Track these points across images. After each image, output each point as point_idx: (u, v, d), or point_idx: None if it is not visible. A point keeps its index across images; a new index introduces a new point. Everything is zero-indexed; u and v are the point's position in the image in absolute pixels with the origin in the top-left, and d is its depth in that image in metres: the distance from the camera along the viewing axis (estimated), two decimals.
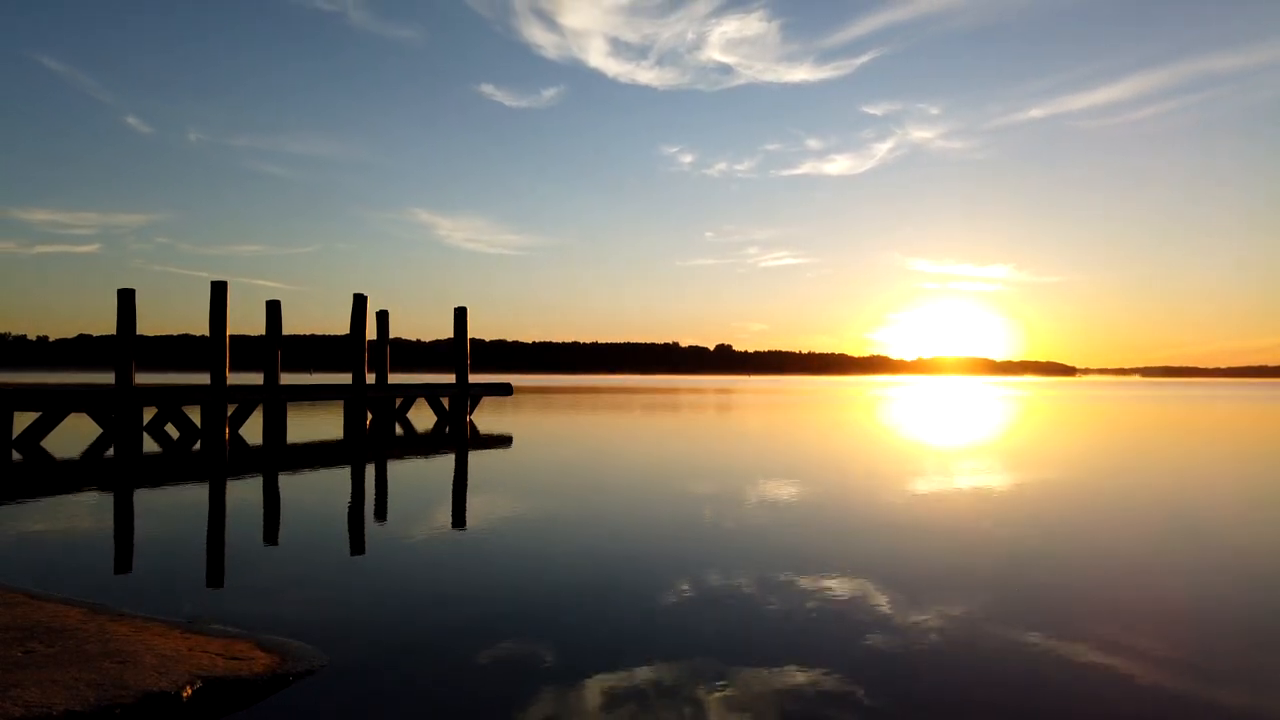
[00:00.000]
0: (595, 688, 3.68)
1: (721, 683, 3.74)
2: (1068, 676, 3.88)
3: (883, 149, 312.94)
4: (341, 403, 23.19)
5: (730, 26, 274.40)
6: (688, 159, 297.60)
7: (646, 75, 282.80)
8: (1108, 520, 8.25)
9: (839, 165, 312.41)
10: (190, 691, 3.42)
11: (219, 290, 18.83)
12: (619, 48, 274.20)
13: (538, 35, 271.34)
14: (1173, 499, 9.81)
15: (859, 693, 3.68)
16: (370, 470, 12.30)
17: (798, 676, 3.83)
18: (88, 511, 8.60)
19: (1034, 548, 6.82)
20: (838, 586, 5.50)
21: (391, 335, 24.09)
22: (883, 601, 5.21)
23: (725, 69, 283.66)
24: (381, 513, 8.65)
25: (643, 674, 3.84)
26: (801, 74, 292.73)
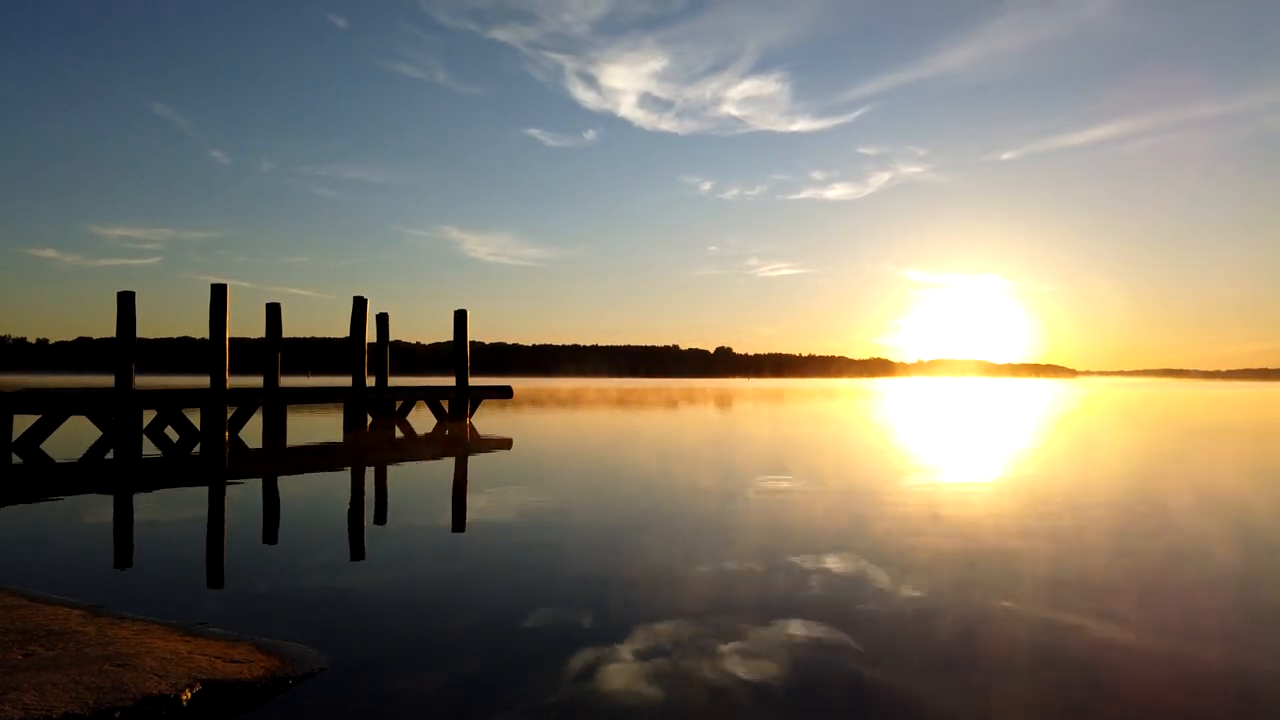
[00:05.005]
0: (597, 687, 3.67)
1: (730, 687, 3.74)
2: (1069, 650, 3.91)
3: (879, 180, 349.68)
4: (341, 405, 23.22)
5: (748, 86, 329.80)
6: (706, 186, 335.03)
7: (669, 124, 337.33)
8: (1126, 509, 8.26)
9: (838, 192, 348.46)
10: (190, 694, 3.42)
11: (219, 293, 18.83)
12: (647, 101, 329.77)
13: (580, 92, 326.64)
14: (1194, 484, 9.81)
15: (858, 648, 3.96)
16: (370, 473, 12.30)
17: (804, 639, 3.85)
18: (88, 514, 8.60)
19: (1057, 533, 6.83)
20: (841, 568, 5.53)
21: (408, 340, 24.38)
22: (882, 579, 5.48)
23: (738, 120, 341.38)
24: (381, 515, 8.65)
25: (645, 673, 3.84)
26: (802, 125, 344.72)
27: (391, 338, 24.43)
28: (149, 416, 18.88)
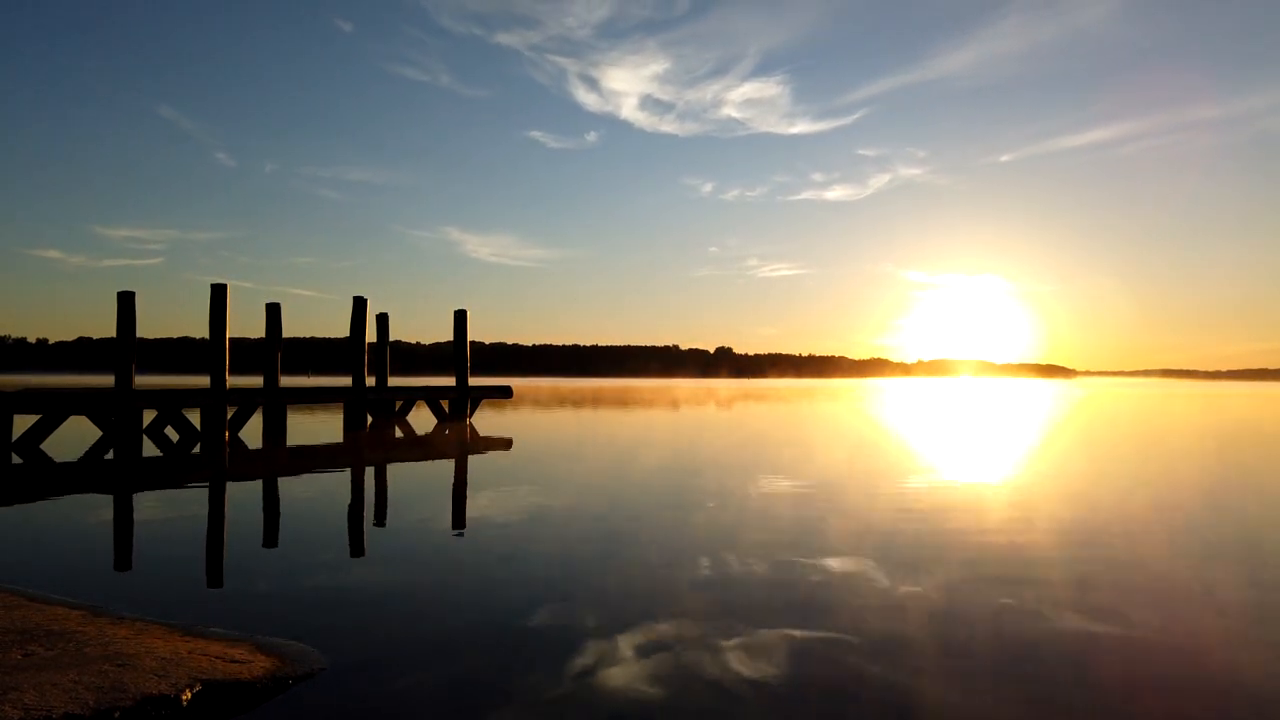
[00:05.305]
0: (598, 686, 3.67)
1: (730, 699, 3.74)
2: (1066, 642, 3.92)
3: (879, 181, 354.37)
4: (341, 405, 23.22)
5: (749, 89, 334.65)
6: (707, 187, 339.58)
7: (670, 126, 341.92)
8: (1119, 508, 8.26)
9: (838, 193, 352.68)
10: (190, 695, 3.42)
11: (218, 293, 18.83)
12: (648, 104, 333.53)
13: (582, 95, 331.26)
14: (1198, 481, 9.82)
15: (860, 646, 3.99)
16: (370, 473, 12.30)
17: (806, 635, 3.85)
18: (87, 514, 8.59)
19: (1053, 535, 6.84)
20: (842, 567, 5.54)
21: (408, 340, 24.49)
22: (884, 578, 5.53)
23: (738, 122, 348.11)
24: (381, 515, 8.65)
25: (646, 672, 3.84)
26: (802, 127, 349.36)
27: (392, 338, 24.45)
28: (149, 416, 18.87)
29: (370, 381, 22.60)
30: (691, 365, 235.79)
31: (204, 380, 20.36)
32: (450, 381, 25.11)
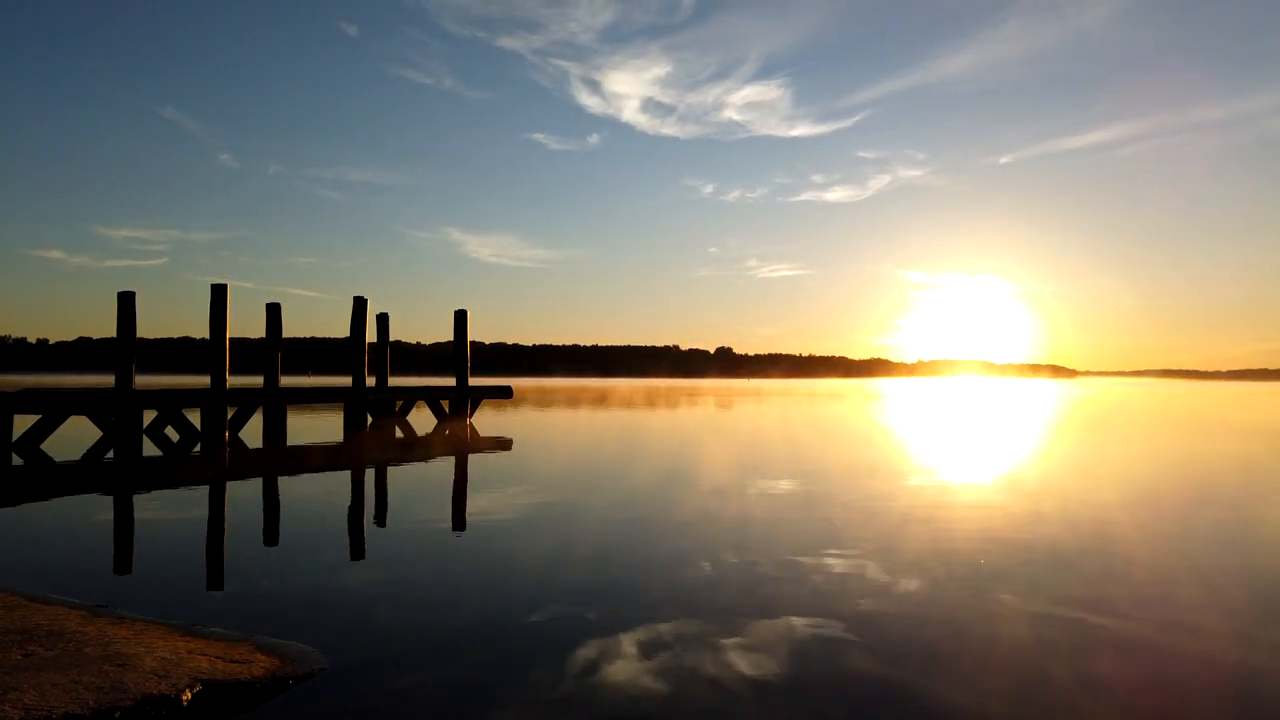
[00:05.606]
0: (597, 686, 3.67)
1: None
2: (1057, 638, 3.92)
3: (879, 182, 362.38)
4: (341, 405, 23.23)
5: (750, 92, 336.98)
6: (708, 189, 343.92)
7: (671, 129, 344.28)
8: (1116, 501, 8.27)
9: (838, 194, 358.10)
10: (190, 695, 3.42)
11: (219, 294, 18.83)
12: (650, 106, 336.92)
13: (585, 97, 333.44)
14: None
15: (860, 645, 3.98)
16: (370, 473, 12.30)
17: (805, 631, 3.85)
18: (88, 514, 8.60)
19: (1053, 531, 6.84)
20: (842, 566, 5.54)
21: (408, 340, 24.55)
22: (884, 577, 5.55)
23: (739, 125, 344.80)
24: (381, 515, 8.65)
25: (646, 671, 3.84)
26: (802, 129, 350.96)
27: (392, 338, 24.47)
28: (149, 416, 18.87)
29: (370, 381, 22.61)
30: (692, 365, 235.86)
31: (204, 380, 20.36)
32: (450, 381, 25.11)
